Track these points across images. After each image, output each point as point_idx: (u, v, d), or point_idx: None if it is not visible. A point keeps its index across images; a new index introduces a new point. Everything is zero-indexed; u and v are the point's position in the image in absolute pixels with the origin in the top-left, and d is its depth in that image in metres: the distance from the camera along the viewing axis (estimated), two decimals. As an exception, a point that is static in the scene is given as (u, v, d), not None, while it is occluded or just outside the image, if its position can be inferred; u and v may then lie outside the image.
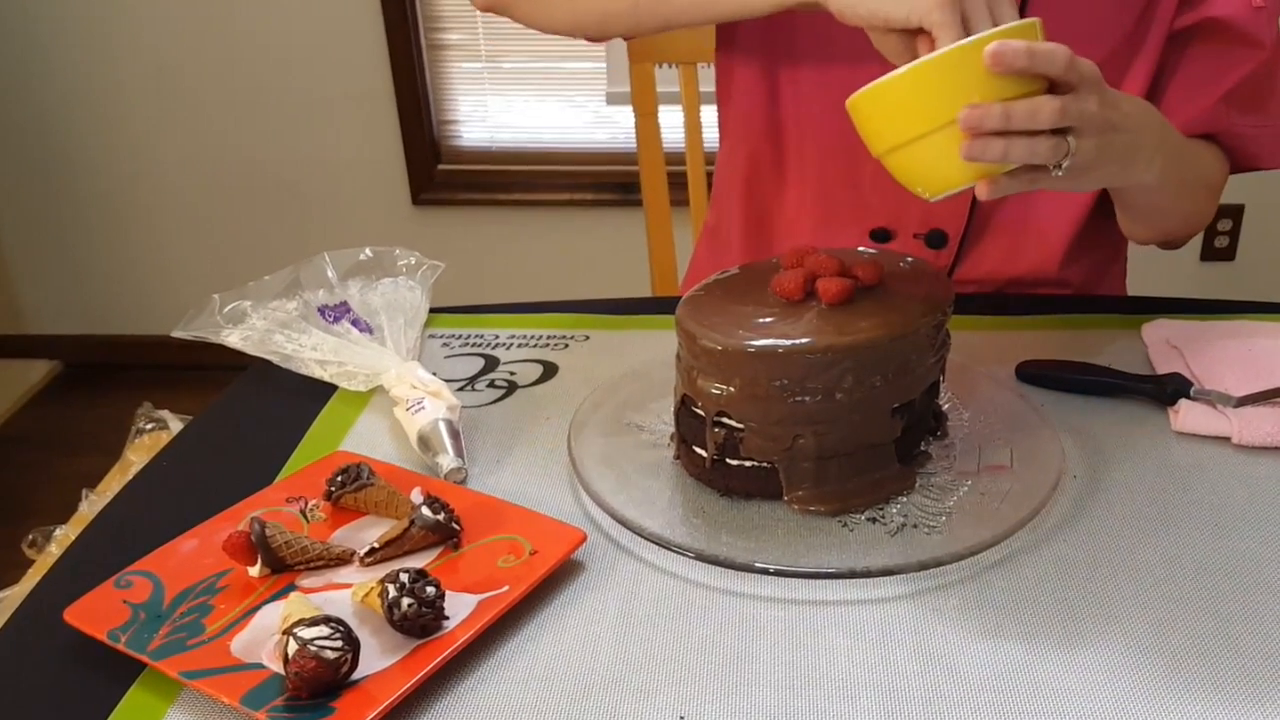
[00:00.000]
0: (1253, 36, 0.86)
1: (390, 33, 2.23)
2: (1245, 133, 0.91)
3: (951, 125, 0.62)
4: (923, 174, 0.67)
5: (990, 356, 0.85)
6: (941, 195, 0.67)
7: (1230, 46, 0.87)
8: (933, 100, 0.63)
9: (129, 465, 1.36)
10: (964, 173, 0.65)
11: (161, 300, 2.54)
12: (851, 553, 0.65)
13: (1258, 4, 0.85)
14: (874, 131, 0.66)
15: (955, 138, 0.62)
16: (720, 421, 0.68)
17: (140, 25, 2.28)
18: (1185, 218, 0.93)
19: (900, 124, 0.64)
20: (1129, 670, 0.57)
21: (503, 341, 0.92)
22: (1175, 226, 0.94)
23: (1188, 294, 0.99)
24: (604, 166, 2.32)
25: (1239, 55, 0.88)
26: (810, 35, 0.93)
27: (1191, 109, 0.90)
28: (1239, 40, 0.87)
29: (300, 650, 0.54)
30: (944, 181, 0.66)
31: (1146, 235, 0.95)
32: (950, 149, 0.63)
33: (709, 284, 0.74)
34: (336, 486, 0.69)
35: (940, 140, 0.63)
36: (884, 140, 0.66)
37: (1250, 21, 0.86)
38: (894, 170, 0.68)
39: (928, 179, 0.67)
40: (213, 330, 0.86)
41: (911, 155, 0.65)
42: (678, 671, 0.58)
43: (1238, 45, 0.87)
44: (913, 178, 0.67)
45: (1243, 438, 0.75)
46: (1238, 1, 0.86)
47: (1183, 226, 0.94)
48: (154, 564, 0.64)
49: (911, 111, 0.63)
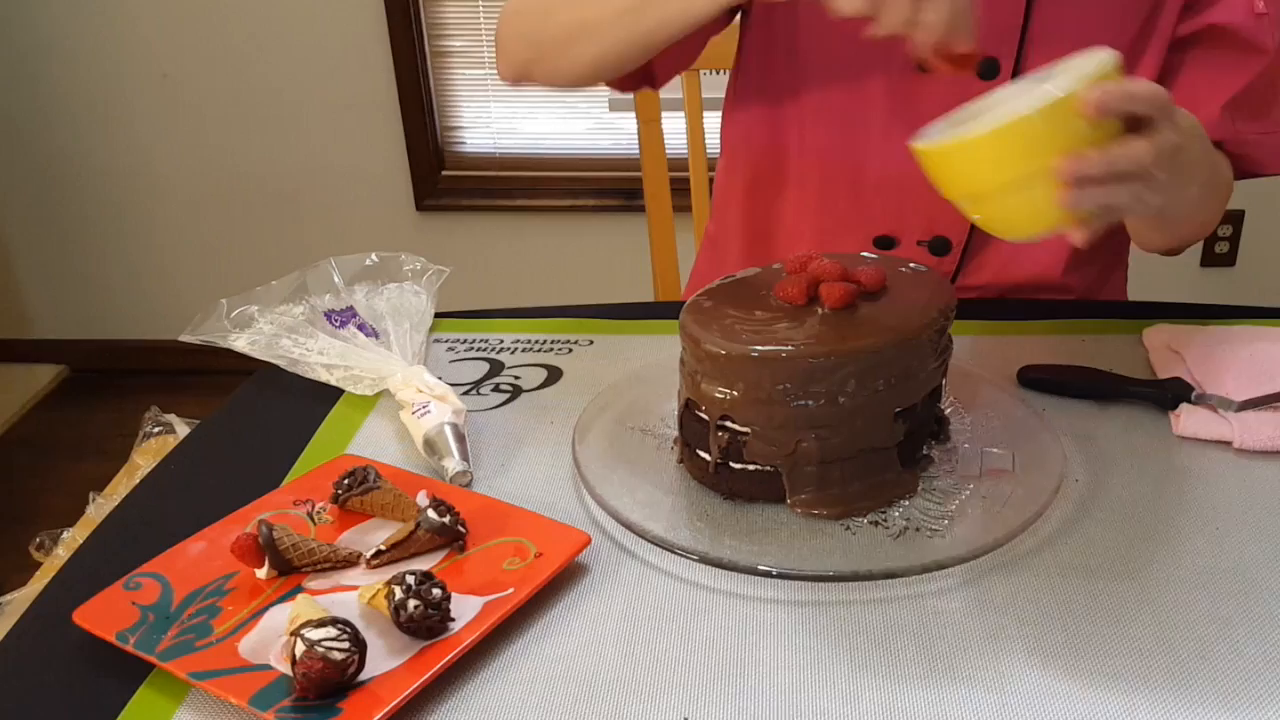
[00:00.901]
0: (1255, 43, 0.87)
1: (394, 40, 2.24)
2: (1249, 139, 0.91)
3: (1046, 174, 0.61)
4: (1011, 221, 0.66)
5: (992, 361, 0.86)
6: (1026, 239, 0.67)
7: (1232, 53, 0.88)
8: (1026, 152, 0.62)
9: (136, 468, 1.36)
10: (1056, 218, 0.64)
11: (167, 305, 2.55)
12: (854, 556, 0.65)
13: (1260, 10, 0.86)
14: (956, 180, 0.65)
15: (1049, 185, 0.62)
16: (724, 425, 0.69)
17: (145, 32, 2.29)
18: (1201, 224, 0.93)
19: (989, 174, 0.63)
20: (1131, 674, 0.57)
21: (507, 346, 0.92)
22: (1190, 233, 0.94)
23: (1188, 299, 1.00)
24: (607, 173, 2.33)
25: (1241, 62, 0.88)
26: (812, 43, 0.94)
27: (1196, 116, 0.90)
28: (1241, 47, 0.87)
29: (308, 651, 0.54)
30: (1034, 227, 0.65)
31: (1160, 244, 0.95)
32: (1042, 196, 0.62)
33: (713, 289, 0.75)
34: (343, 489, 0.70)
35: (1033, 189, 0.62)
36: (967, 189, 0.65)
37: (1253, 28, 0.86)
38: (974, 214, 0.67)
39: (1015, 225, 0.66)
40: (220, 335, 0.87)
41: (1000, 204, 0.64)
42: (682, 673, 0.58)
43: (1240, 52, 0.87)
44: (998, 223, 0.67)
45: (1244, 442, 0.75)
46: (1240, 8, 0.86)
47: (1198, 232, 0.94)
48: (163, 566, 0.64)
49: (1002, 163, 0.62)
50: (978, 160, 0.63)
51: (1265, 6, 0.86)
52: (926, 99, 0.92)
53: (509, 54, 0.93)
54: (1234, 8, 0.86)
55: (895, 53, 0.90)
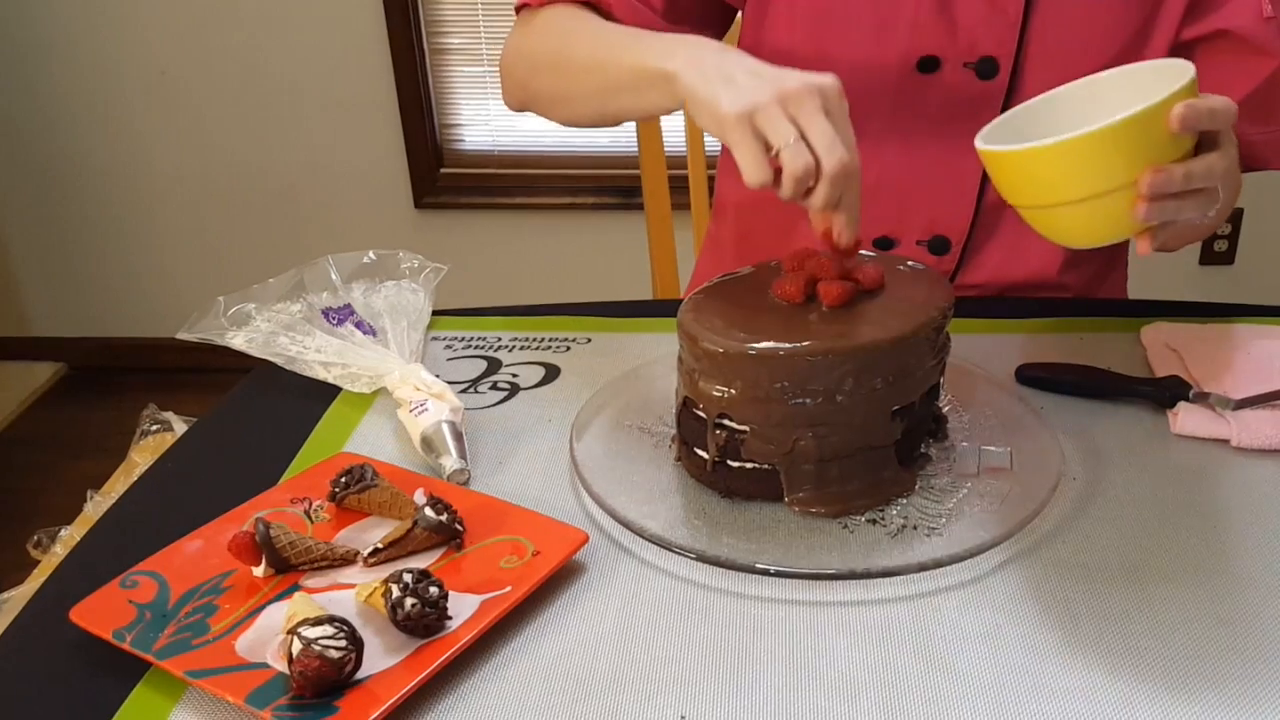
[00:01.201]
0: (1263, 46, 0.86)
1: (393, 37, 2.24)
2: (1255, 139, 0.91)
3: (1121, 188, 0.61)
4: (1079, 229, 0.66)
5: (990, 359, 0.86)
6: (1090, 246, 0.67)
7: (1241, 57, 0.87)
8: (1109, 163, 0.62)
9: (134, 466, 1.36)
10: (1126, 229, 0.64)
11: (165, 303, 2.55)
12: (852, 554, 0.65)
13: (1268, 14, 0.85)
14: (1026, 187, 0.65)
15: (1122, 199, 0.62)
16: (722, 424, 0.69)
17: (143, 30, 2.28)
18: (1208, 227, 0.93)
19: (1064, 186, 0.63)
20: (1128, 672, 0.57)
21: (505, 344, 0.92)
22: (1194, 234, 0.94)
23: (1187, 298, 1.00)
24: (605, 170, 2.33)
25: (1249, 66, 0.88)
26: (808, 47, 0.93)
27: None
28: (1249, 51, 0.87)
29: (305, 650, 0.54)
30: (1103, 237, 0.66)
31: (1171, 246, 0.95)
32: (1116, 207, 0.62)
33: (711, 287, 0.75)
34: (340, 487, 0.70)
35: (1108, 201, 0.62)
36: (1037, 197, 0.65)
37: (1260, 32, 0.86)
38: (1038, 223, 0.67)
39: (1083, 234, 0.66)
40: (217, 332, 0.86)
41: (1071, 213, 0.64)
42: (679, 672, 0.58)
43: (1248, 56, 0.87)
44: (1063, 231, 0.67)
45: (1241, 440, 0.75)
46: (1248, 12, 0.86)
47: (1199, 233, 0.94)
48: (159, 564, 0.64)
49: (1084, 172, 0.62)
50: (1057, 168, 0.63)
51: (1274, 10, 0.86)
52: (926, 99, 0.92)
53: (508, 91, 0.96)
54: (1242, 11, 0.86)
55: (891, 55, 0.90)
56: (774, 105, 0.66)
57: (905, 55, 0.90)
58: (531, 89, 0.92)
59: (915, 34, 0.89)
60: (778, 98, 0.67)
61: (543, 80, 0.91)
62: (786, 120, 0.66)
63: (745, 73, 0.69)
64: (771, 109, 0.66)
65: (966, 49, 0.89)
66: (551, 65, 0.89)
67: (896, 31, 0.90)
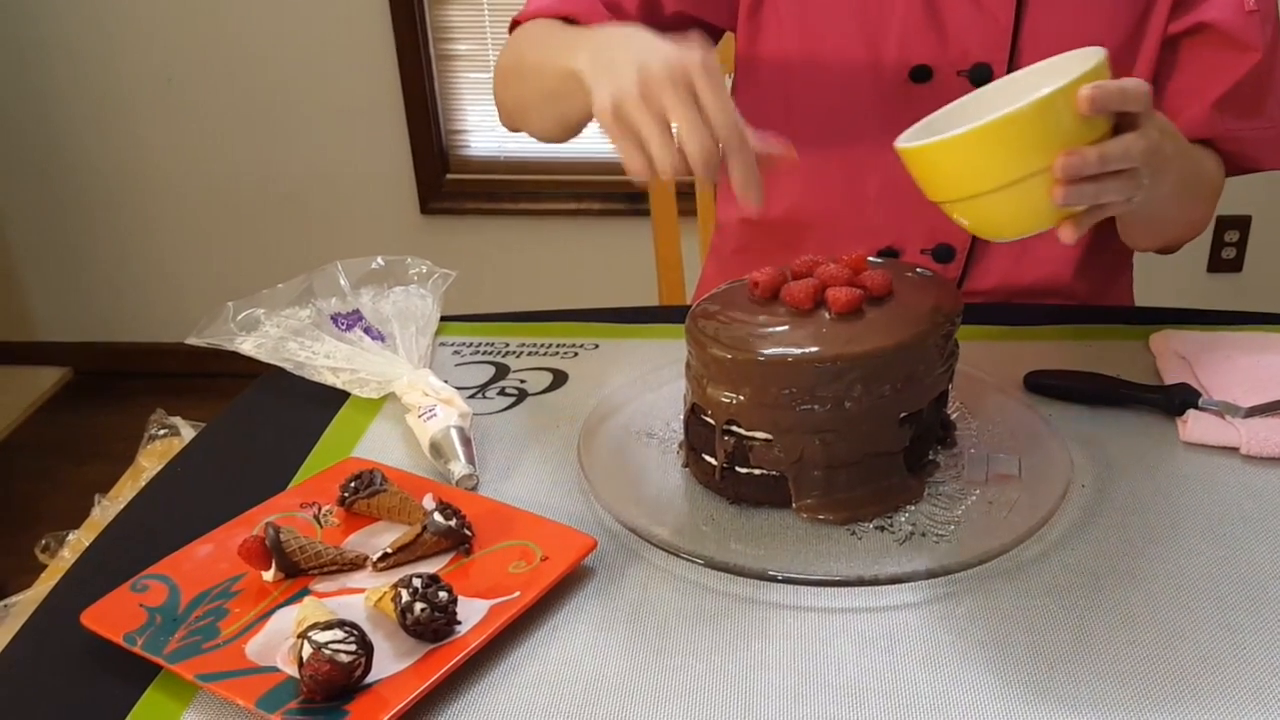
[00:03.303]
0: (1245, 41, 0.86)
1: (399, 43, 2.25)
2: (1244, 136, 0.91)
3: (1036, 174, 0.61)
4: (1001, 220, 0.66)
5: (998, 366, 0.85)
6: (1015, 238, 0.67)
7: (1222, 51, 0.88)
8: (1020, 149, 0.61)
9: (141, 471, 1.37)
10: (1047, 217, 0.64)
11: (170, 308, 2.56)
12: (860, 561, 0.65)
13: (1251, 8, 0.86)
14: (943, 181, 0.65)
15: (1039, 185, 0.62)
16: (730, 430, 0.69)
17: (149, 35, 2.29)
18: (1189, 224, 0.93)
19: (981, 172, 0.63)
20: (1137, 680, 0.57)
21: (513, 350, 0.92)
22: (1178, 233, 0.94)
23: (1194, 305, 0.99)
24: (611, 176, 2.33)
25: (1231, 60, 0.88)
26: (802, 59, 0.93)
27: (1186, 115, 0.90)
28: (1231, 45, 0.87)
29: (315, 653, 0.54)
30: (1024, 226, 0.65)
31: (1148, 243, 0.96)
32: (1034, 194, 0.62)
33: (719, 293, 0.75)
34: (350, 492, 0.70)
35: (1026, 187, 0.62)
36: (956, 190, 0.65)
37: (1243, 26, 0.86)
38: (963, 216, 0.67)
39: (1005, 224, 0.66)
40: (226, 338, 0.87)
41: (990, 203, 0.64)
42: (687, 677, 0.58)
43: (1230, 50, 0.87)
44: (987, 224, 0.66)
45: (1250, 448, 0.75)
46: (1230, 6, 0.86)
47: (1186, 232, 0.94)
48: (170, 568, 0.64)
49: (996, 160, 0.62)
50: (970, 158, 0.63)
51: (1256, 4, 0.86)
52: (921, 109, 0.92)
53: (499, 109, 0.97)
54: (1224, 5, 0.86)
55: (883, 66, 0.91)
56: (636, 99, 0.65)
57: (897, 66, 0.91)
58: (504, 102, 0.94)
59: (905, 44, 0.90)
60: (640, 90, 0.65)
61: (508, 91, 0.92)
62: (650, 114, 0.64)
63: (624, 58, 0.67)
64: (634, 103, 0.65)
65: (959, 57, 0.89)
66: (513, 73, 0.90)
67: (886, 43, 0.90)
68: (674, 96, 0.64)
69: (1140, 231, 0.93)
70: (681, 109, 0.64)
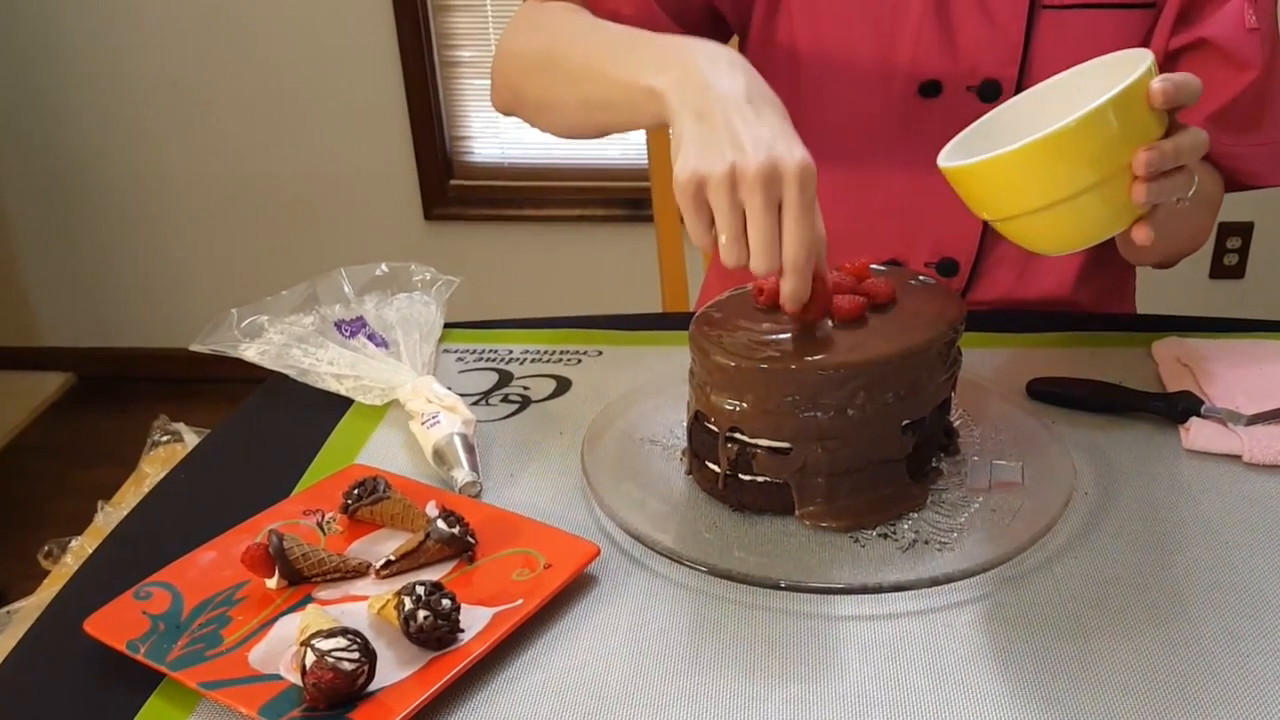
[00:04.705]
0: (1243, 57, 0.87)
1: (404, 50, 2.26)
2: (1242, 152, 0.91)
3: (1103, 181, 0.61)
4: (1067, 232, 0.65)
5: (1001, 374, 0.86)
6: (1080, 248, 0.66)
7: (1220, 67, 0.88)
8: (1086, 158, 0.60)
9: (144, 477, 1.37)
10: (1111, 223, 0.64)
11: (174, 314, 2.56)
12: (863, 568, 0.65)
13: (1251, 25, 0.86)
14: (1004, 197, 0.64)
15: (1117, 184, 0.61)
16: (733, 437, 0.69)
17: (155, 40, 2.30)
18: (1190, 237, 0.93)
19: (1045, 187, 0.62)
20: (1140, 688, 0.57)
21: (516, 356, 0.92)
22: (1179, 246, 0.94)
23: (1196, 311, 0.99)
24: (614, 183, 2.33)
25: (1229, 76, 0.88)
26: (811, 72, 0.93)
27: None
28: (1229, 61, 0.87)
29: (318, 661, 0.54)
30: (1090, 235, 0.65)
31: (1148, 257, 0.95)
32: (1107, 197, 0.62)
33: (723, 300, 0.75)
34: (353, 499, 0.70)
35: (1091, 196, 0.62)
36: (1018, 205, 0.63)
37: (1242, 42, 0.86)
38: (1021, 231, 0.65)
39: (1071, 236, 0.65)
40: (230, 344, 0.87)
41: (1054, 216, 0.63)
42: (690, 685, 0.58)
43: (1228, 66, 0.87)
44: (1049, 237, 0.65)
45: (1253, 456, 0.75)
46: (1230, 22, 0.86)
47: (1185, 245, 0.94)
48: (173, 575, 0.64)
49: (1062, 172, 0.61)
50: (1036, 170, 0.61)
51: (1257, 21, 0.86)
52: (930, 123, 0.92)
53: (497, 92, 0.94)
54: (1225, 21, 0.86)
55: (893, 80, 0.91)
56: (724, 185, 0.63)
57: (907, 80, 0.91)
58: (520, 91, 0.90)
59: (917, 58, 0.90)
60: (729, 177, 0.63)
61: (531, 83, 0.89)
62: (731, 207, 0.63)
63: (722, 114, 0.65)
64: (721, 188, 0.63)
65: (968, 72, 0.90)
66: (542, 68, 0.87)
67: (898, 56, 0.90)
68: (761, 202, 0.62)
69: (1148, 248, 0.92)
70: (763, 219, 0.63)
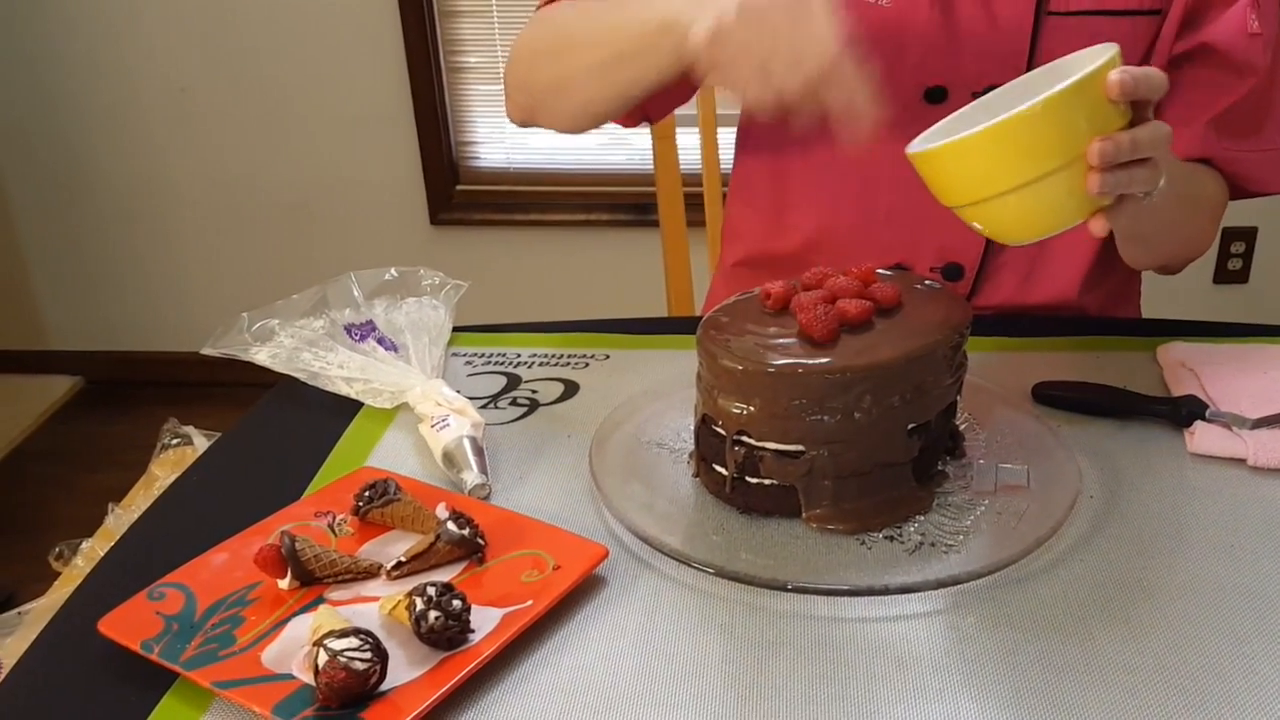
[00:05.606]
0: (1245, 63, 0.87)
1: (410, 56, 2.26)
2: (1243, 158, 0.91)
3: (1058, 169, 0.61)
4: (1024, 221, 0.65)
5: (1006, 377, 0.86)
6: (1036, 239, 0.67)
7: (1222, 72, 0.88)
8: (1039, 146, 0.61)
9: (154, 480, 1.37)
10: (1069, 214, 0.64)
11: (182, 317, 2.57)
12: (869, 571, 0.66)
13: (1254, 31, 0.86)
14: (962, 184, 0.64)
15: (1060, 181, 0.61)
16: (740, 440, 0.69)
17: (161, 46, 2.31)
18: (1186, 241, 0.93)
19: (999, 174, 0.62)
20: (1145, 690, 0.58)
21: (524, 360, 0.93)
22: (1177, 250, 0.94)
23: (1201, 316, 1.00)
24: (620, 188, 2.34)
25: (1230, 81, 0.88)
26: None
27: (1183, 134, 0.90)
28: (1230, 66, 0.87)
29: (330, 661, 0.55)
30: (1046, 225, 0.65)
31: (1147, 260, 0.95)
32: (1053, 192, 0.62)
33: (730, 304, 0.76)
34: (364, 501, 0.70)
35: (1046, 184, 0.62)
36: (975, 191, 0.64)
37: (1244, 48, 0.86)
38: (982, 219, 0.66)
39: (1028, 225, 0.65)
40: (241, 348, 0.88)
41: (1011, 204, 0.63)
42: (698, 686, 0.58)
43: (1229, 71, 0.88)
44: (1008, 226, 0.66)
45: (1258, 460, 0.75)
46: (1233, 28, 0.86)
47: (1184, 250, 0.94)
48: (186, 576, 0.65)
49: (1015, 160, 0.61)
50: (991, 156, 0.62)
51: (1260, 27, 0.86)
52: None
53: (512, 100, 0.95)
54: (1227, 27, 0.87)
55: (899, 86, 0.91)
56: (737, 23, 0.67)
57: (913, 85, 0.91)
58: (531, 85, 0.91)
59: (923, 64, 0.90)
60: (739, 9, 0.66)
61: (542, 70, 0.89)
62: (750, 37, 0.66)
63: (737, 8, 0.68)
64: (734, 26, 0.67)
65: (973, 78, 0.90)
66: (551, 51, 0.88)
67: (904, 61, 0.90)
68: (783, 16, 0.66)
69: (1140, 248, 0.93)
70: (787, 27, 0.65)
